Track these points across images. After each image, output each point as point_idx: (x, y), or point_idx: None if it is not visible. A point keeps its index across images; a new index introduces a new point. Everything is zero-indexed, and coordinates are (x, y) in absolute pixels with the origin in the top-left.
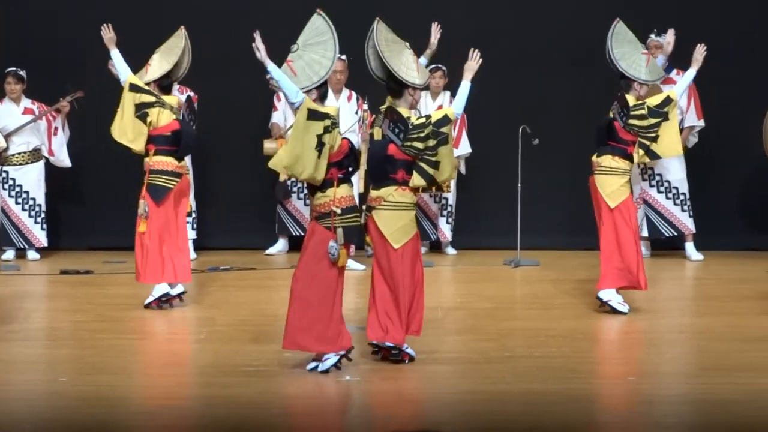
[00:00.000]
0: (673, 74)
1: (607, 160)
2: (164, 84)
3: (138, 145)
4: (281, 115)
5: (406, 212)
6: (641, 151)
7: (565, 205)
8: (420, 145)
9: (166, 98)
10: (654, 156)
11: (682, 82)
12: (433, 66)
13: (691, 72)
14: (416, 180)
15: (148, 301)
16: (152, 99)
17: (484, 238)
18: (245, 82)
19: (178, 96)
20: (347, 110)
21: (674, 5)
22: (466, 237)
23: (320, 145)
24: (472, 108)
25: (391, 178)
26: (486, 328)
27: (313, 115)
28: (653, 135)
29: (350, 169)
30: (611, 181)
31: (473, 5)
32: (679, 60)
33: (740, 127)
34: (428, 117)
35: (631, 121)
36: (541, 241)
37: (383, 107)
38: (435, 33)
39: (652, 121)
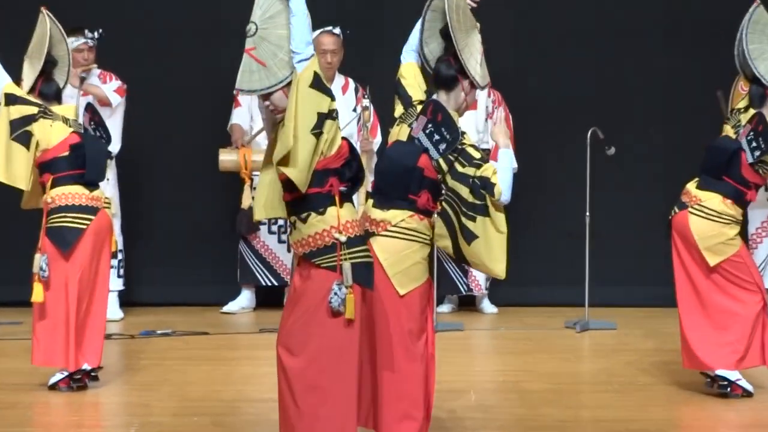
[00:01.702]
0: None
1: (715, 201)
2: (48, 92)
3: (20, 181)
4: (245, 114)
5: (419, 246)
6: None
7: (653, 244)
8: (449, 181)
9: (56, 108)
10: None
11: None
12: None
13: None
14: (438, 229)
15: (54, 379)
16: (34, 110)
17: (536, 291)
18: (191, 67)
19: (74, 104)
20: (341, 105)
21: None
22: (510, 289)
23: (319, 129)
24: (520, 106)
25: (408, 198)
26: (541, 420)
27: (319, 85)
28: None
29: (354, 181)
30: (715, 230)
31: None
32: None
33: None
34: (482, 160)
35: None
36: (618, 294)
37: (416, 101)
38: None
39: None
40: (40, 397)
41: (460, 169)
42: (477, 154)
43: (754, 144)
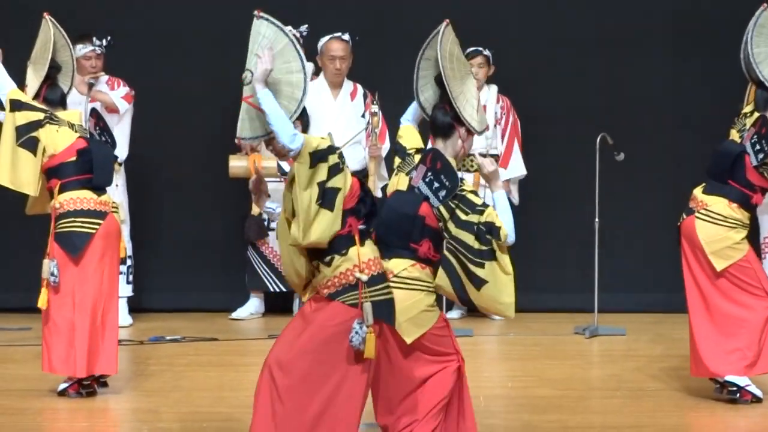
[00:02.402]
0: None
1: (721, 206)
2: (53, 98)
3: (28, 187)
4: None
5: (424, 295)
6: None
7: (663, 250)
8: (452, 228)
9: (61, 114)
10: None
11: None
12: (472, 49)
13: None
14: (439, 280)
15: (63, 386)
16: (40, 115)
17: (545, 297)
18: (200, 73)
19: (80, 110)
20: (350, 112)
21: None
22: (519, 295)
23: (324, 194)
24: (528, 112)
25: (410, 248)
26: (550, 426)
27: (317, 159)
28: None
29: (370, 217)
30: (721, 234)
31: None
32: None
33: None
34: (484, 206)
35: None
36: (627, 300)
37: (412, 149)
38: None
39: None
40: (50, 403)
41: (463, 217)
42: (478, 201)
43: (758, 147)
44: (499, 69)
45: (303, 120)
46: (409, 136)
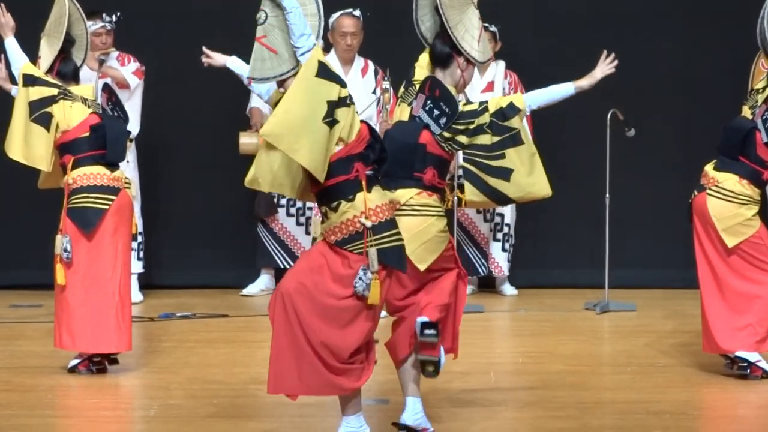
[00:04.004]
0: None
1: (731, 182)
2: (67, 71)
3: (41, 162)
4: None
5: (435, 219)
6: None
7: (673, 226)
8: (465, 140)
9: (74, 89)
10: None
11: None
12: None
13: None
14: (470, 194)
15: (73, 362)
16: (54, 91)
17: (556, 273)
18: (211, 48)
19: (93, 84)
20: (361, 87)
21: None
22: (530, 271)
23: (331, 117)
24: (538, 87)
25: (414, 177)
26: (561, 401)
27: (326, 73)
28: None
29: (379, 163)
30: (733, 210)
31: None
32: None
33: None
34: (483, 104)
35: None
36: (638, 276)
37: (416, 78)
38: (604, 65)
39: None
40: (61, 380)
41: (470, 127)
42: (474, 106)
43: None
44: (510, 44)
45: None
46: (424, 65)
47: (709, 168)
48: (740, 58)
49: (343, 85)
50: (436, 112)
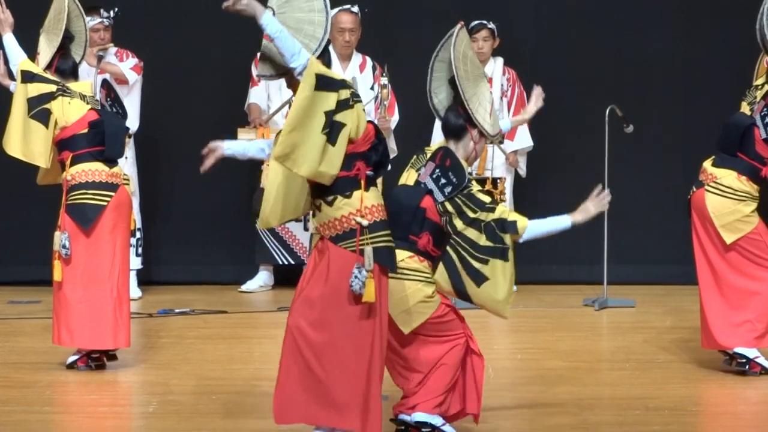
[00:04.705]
0: None
1: (730, 179)
2: (65, 68)
3: (40, 158)
4: (262, 93)
5: (422, 285)
6: None
7: (672, 222)
8: (460, 225)
9: (73, 85)
10: None
11: None
12: (477, 23)
13: None
14: (439, 277)
15: (72, 359)
16: (52, 88)
17: (554, 269)
18: (209, 45)
19: (91, 80)
20: (359, 83)
21: None
22: (527, 267)
23: (331, 126)
24: (539, 83)
25: (409, 240)
26: (560, 397)
27: (324, 84)
28: None
29: (380, 166)
30: (731, 207)
31: None
32: None
33: None
34: (493, 203)
35: None
36: (637, 272)
37: (430, 148)
38: (537, 98)
39: None
40: (59, 376)
41: (471, 214)
42: (487, 199)
43: (767, 120)
44: (509, 40)
45: (324, 60)
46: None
47: (707, 164)
48: (739, 54)
49: (343, 87)
50: (443, 180)
